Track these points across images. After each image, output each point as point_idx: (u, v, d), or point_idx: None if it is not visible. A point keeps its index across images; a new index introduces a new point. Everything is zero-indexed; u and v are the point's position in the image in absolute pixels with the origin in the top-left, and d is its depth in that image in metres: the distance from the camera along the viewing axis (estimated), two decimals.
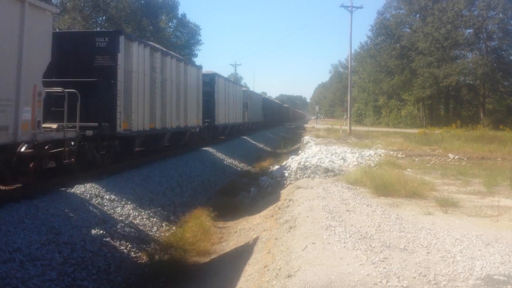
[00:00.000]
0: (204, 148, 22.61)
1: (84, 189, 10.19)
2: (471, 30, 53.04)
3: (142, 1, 51.29)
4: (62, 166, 10.59)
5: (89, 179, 11.03)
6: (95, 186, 10.66)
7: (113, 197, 10.67)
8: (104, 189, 10.75)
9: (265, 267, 6.43)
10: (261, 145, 35.86)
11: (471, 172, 14.25)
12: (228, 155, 23.85)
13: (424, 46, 53.73)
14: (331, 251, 5.80)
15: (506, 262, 5.43)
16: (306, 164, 14.83)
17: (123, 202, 10.75)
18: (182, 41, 59.05)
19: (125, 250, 8.88)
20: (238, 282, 6.76)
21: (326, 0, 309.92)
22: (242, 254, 8.37)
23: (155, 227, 10.65)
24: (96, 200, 10.03)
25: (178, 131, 18.85)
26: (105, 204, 10.16)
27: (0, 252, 6.67)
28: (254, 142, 35.20)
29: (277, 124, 67.66)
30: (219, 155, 22.84)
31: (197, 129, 22.28)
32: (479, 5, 51.24)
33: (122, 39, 12.71)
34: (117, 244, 8.89)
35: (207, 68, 26.92)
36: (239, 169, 22.46)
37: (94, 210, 9.65)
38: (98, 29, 46.29)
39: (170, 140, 18.68)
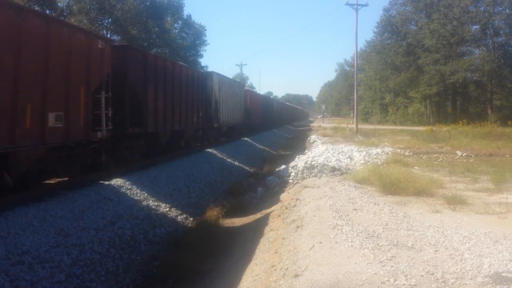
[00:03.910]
0: None
1: None
2: (477, 26, 52.70)
3: (148, 3, 51.49)
4: None
5: None
6: None
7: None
8: None
9: (272, 266, 6.43)
10: None
11: (479, 169, 14.16)
12: None
13: (431, 43, 53.50)
14: (338, 250, 5.78)
15: None
16: (312, 163, 14.79)
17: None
18: (187, 42, 59.20)
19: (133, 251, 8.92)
20: (246, 282, 6.76)
21: None
22: (249, 254, 8.37)
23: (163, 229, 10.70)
24: None
25: None
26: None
27: (10, 254, 6.73)
28: None
29: (269, 126, 51.07)
30: None
31: None
32: (485, 1, 50.86)
33: None
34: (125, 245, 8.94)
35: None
36: None
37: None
38: (104, 32, 46.56)
39: None
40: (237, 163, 22.25)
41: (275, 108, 54.07)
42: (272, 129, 48.04)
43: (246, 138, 31.28)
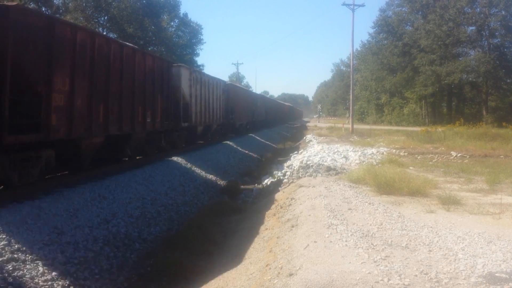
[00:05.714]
0: None
1: None
2: (473, 28, 52.83)
3: (144, 1, 51.36)
4: None
5: None
6: None
7: None
8: None
9: (267, 265, 6.43)
10: None
11: (474, 169, 14.22)
12: None
13: (426, 43, 53.62)
14: (332, 249, 5.79)
15: (508, 259, 5.42)
16: (308, 162, 14.81)
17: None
18: (184, 41, 59.13)
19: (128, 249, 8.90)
20: (240, 281, 6.76)
21: None
22: (244, 253, 8.37)
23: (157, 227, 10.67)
24: None
25: None
26: None
27: (3, 252, 6.69)
28: None
29: (256, 127, 45.22)
30: None
31: None
32: (481, 2, 51.02)
33: None
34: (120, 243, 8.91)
35: None
36: None
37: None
38: (100, 29, 46.41)
39: None
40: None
41: (259, 106, 49.85)
42: (261, 129, 46.38)
43: (228, 142, 27.81)
